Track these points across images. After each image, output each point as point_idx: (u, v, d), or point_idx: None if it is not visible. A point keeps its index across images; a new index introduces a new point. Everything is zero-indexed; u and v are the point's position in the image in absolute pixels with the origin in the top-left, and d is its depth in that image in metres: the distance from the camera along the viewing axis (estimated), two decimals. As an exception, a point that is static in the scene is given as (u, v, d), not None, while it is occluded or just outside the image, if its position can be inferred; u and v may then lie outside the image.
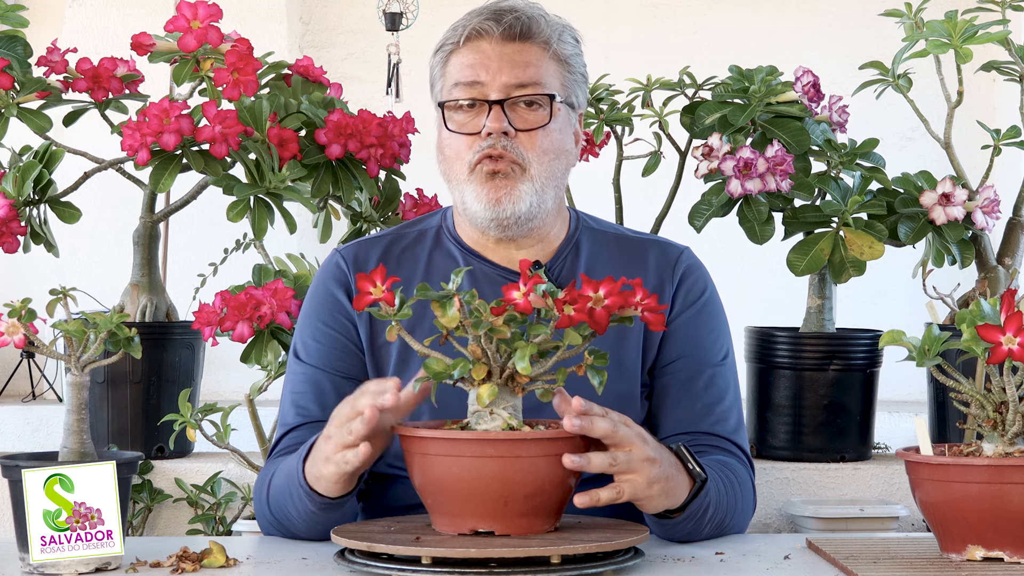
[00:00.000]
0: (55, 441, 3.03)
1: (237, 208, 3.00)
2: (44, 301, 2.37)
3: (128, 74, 3.18)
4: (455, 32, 2.48)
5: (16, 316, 2.27)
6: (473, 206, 2.44)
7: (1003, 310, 2.07)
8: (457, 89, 2.45)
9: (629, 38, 4.88)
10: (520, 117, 2.45)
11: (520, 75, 2.44)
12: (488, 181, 2.43)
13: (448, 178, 2.48)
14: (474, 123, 2.45)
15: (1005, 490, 2.05)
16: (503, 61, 2.44)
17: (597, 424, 2.11)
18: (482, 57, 2.45)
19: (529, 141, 2.44)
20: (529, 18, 2.46)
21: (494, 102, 2.43)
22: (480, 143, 2.43)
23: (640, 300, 2.10)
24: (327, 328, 2.50)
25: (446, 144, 2.47)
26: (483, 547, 2.03)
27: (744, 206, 3.13)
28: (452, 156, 2.46)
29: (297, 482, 2.28)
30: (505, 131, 2.42)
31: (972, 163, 3.43)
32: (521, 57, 2.45)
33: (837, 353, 3.15)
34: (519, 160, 2.43)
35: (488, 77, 2.44)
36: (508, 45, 2.45)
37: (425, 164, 3.28)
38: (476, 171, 2.43)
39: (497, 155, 2.43)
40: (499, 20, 2.45)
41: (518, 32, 2.45)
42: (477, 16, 2.47)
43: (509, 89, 2.44)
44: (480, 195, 2.43)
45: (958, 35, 3.02)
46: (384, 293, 2.10)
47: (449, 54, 2.48)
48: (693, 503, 2.27)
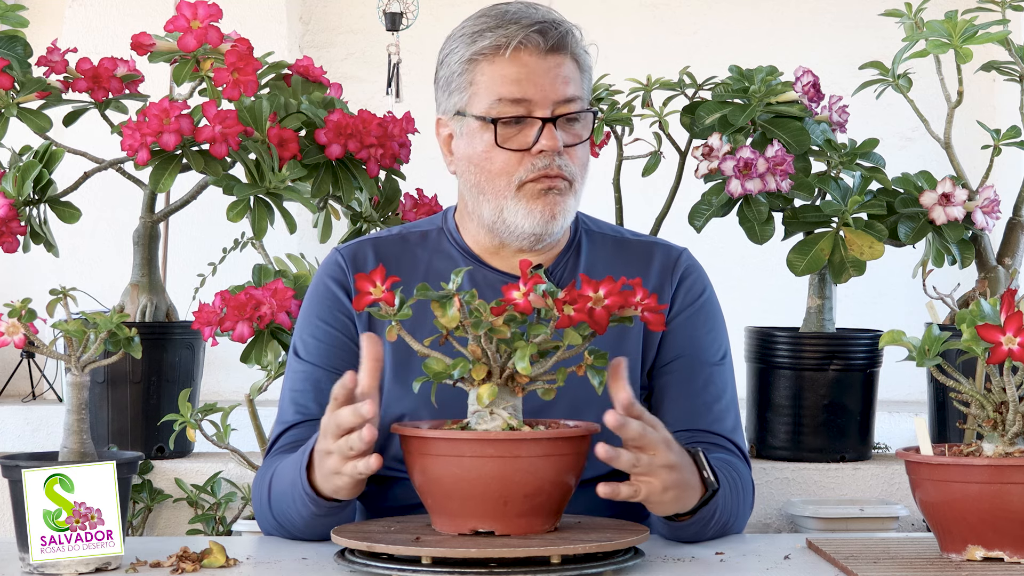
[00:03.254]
0: (55, 441, 3.03)
1: (237, 208, 3.00)
2: (44, 301, 2.37)
3: (128, 74, 3.18)
4: (486, 39, 2.42)
5: (16, 316, 2.27)
6: (521, 222, 2.43)
7: (1003, 310, 2.07)
8: (502, 104, 2.41)
9: (629, 38, 4.88)
10: (567, 133, 2.44)
11: (565, 91, 2.42)
12: (542, 198, 2.42)
13: (483, 190, 2.45)
14: (520, 138, 2.42)
15: (1005, 490, 2.05)
16: (548, 77, 2.41)
17: (630, 426, 2.12)
18: (528, 72, 2.41)
19: (574, 156, 2.44)
20: (567, 31, 2.44)
21: (547, 119, 2.41)
22: (532, 160, 2.41)
23: (640, 300, 2.10)
24: (326, 326, 2.50)
25: (489, 158, 2.43)
26: (483, 547, 2.03)
27: (744, 206, 3.13)
28: (497, 171, 2.43)
29: (302, 490, 2.28)
30: (559, 150, 2.42)
31: (972, 163, 3.43)
32: (562, 72, 2.42)
33: (837, 353, 3.15)
34: (569, 176, 2.43)
35: (537, 93, 2.40)
36: (549, 59, 2.42)
37: (425, 164, 3.29)
38: (527, 188, 2.42)
39: (555, 175, 2.42)
40: (544, 34, 2.41)
41: (559, 45, 2.42)
42: (514, 25, 2.41)
43: (557, 105, 2.42)
44: (533, 211, 2.42)
45: (958, 35, 3.02)
46: (384, 293, 2.10)
47: (480, 63, 2.43)
48: (703, 509, 2.28)
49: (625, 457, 2.13)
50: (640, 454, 2.15)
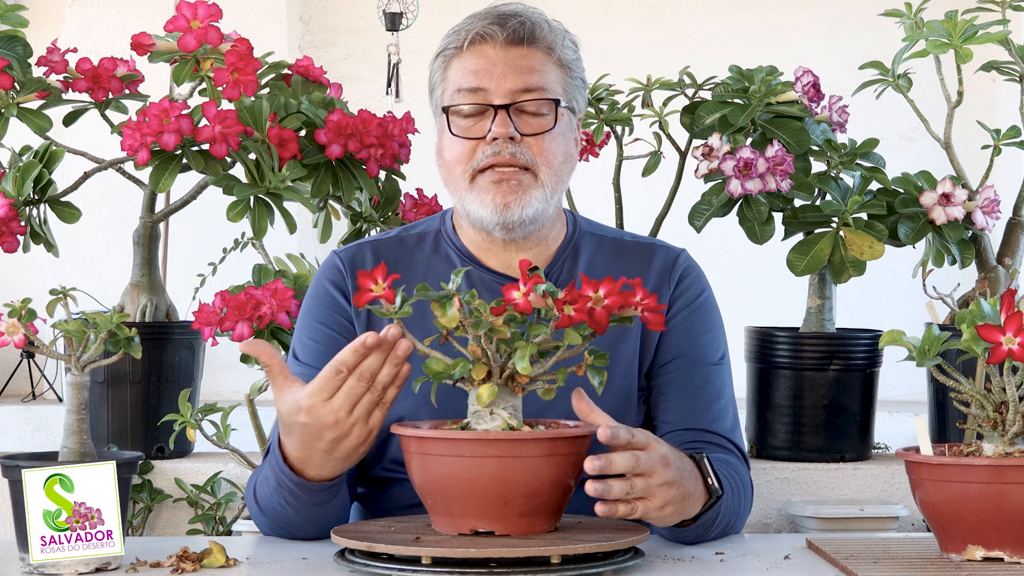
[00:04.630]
0: (55, 441, 3.03)
1: (237, 208, 3.00)
2: (44, 301, 2.37)
3: (128, 74, 3.18)
4: (457, 36, 2.46)
5: (16, 316, 2.27)
6: (479, 211, 2.43)
7: (1003, 310, 2.07)
8: (460, 94, 2.43)
9: (629, 38, 4.88)
10: (525, 122, 2.43)
11: (525, 80, 2.43)
12: (493, 188, 2.42)
13: (448, 183, 2.47)
14: (478, 128, 2.43)
15: (1005, 490, 2.05)
16: (507, 66, 2.43)
17: (616, 461, 2.10)
18: (486, 62, 2.43)
19: (536, 146, 2.43)
20: (533, 23, 2.45)
21: (499, 107, 2.42)
22: (485, 148, 2.42)
23: (640, 300, 2.10)
24: (324, 328, 2.49)
25: (447, 149, 2.45)
26: (483, 547, 2.03)
27: (744, 206, 3.13)
28: (453, 161, 2.44)
29: (287, 480, 2.26)
30: (511, 136, 2.41)
31: (972, 163, 3.43)
32: (525, 62, 2.44)
33: (837, 353, 3.15)
34: (528, 164, 2.42)
35: (492, 83, 2.42)
36: (512, 50, 2.44)
37: (425, 164, 3.28)
38: (481, 179, 2.42)
39: (504, 163, 2.42)
40: (503, 25, 2.43)
41: (522, 37, 2.44)
42: (480, 20, 2.45)
43: (514, 94, 2.42)
44: (486, 201, 2.42)
45: (958, 35, 3.02)
46: (385, 291, 2.11)
47: (451, 59, 2.46)
48: (706, 515, 2.28)
49: (617, 488, 2.11)
50: (635, 480, 2.13)
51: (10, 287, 4.59)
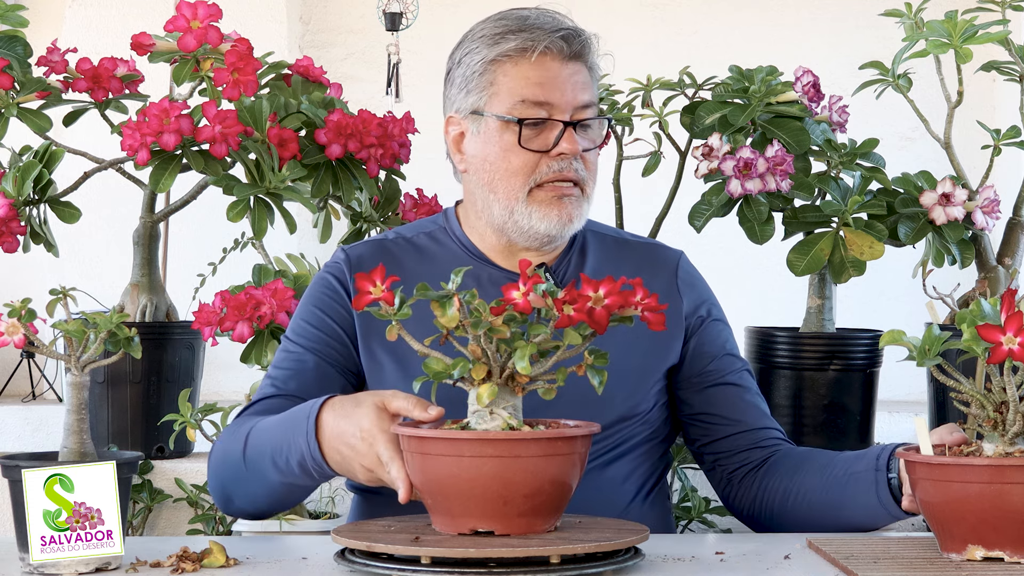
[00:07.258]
0: (55, 441, 3.03)
1: (237, 208, 3.00)
2: (44, 301, 2.37)
3: (128, 74, 3.18)
4: (510, 42, 2.46)
5: (16, 316, 2.27)
6: (536, 224, 2.46)
7: (1003, 310, 2.07)
8: (525, 105, 2.45)
9: (629, 38, 4.88)
10: (582, 138, 2.48)
11: (583, 97, 2.48)
12: (557, 203, 2.46)
13: (496, 189, 2.48)
14: (539, 140, 2.46)
15: (1005, 490, 2.05)
16: (569, 82, 2.46)
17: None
18: (551, 76, 2.46)
19: (588, 162, 2.49)
20: (586, 41, 2.49)
21: (568, 123, 2.45)
22: (550, 163, 2.45)
23: (640, 300, 2.10)
24: (321, 313, 2.51)
25: (510, 157, 2.46)
26: (483, 547, 2.03)
27: (744, 206, 3.13)
28: (514, 171, 2.46)
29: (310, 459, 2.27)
30: (578, 154, 2.46)
31: (972, 163, 3.43)
32: (580, 78, 2.48)
33: (837, 353, 3.15)
34: (580, 180, 2.47)
35: (560, 98, 2.45)
36: (570, 65, 2.48)
37: (425, 164, 3.29)
38: (540, 193, 2.46)
39: (565, 178, 2.46)
40: (568, 41, 2.46)
41: (578, 53, 2.48)
42: (539, 31, 2.46)
43: (577, 111, 2.47)
44: (550, 215, 2.46)
45: (958, 35, 3.02)
46: (383, 292, 2.10)
47: (504, 64, 2.47)
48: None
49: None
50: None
51: (10, 287, 4.59)
